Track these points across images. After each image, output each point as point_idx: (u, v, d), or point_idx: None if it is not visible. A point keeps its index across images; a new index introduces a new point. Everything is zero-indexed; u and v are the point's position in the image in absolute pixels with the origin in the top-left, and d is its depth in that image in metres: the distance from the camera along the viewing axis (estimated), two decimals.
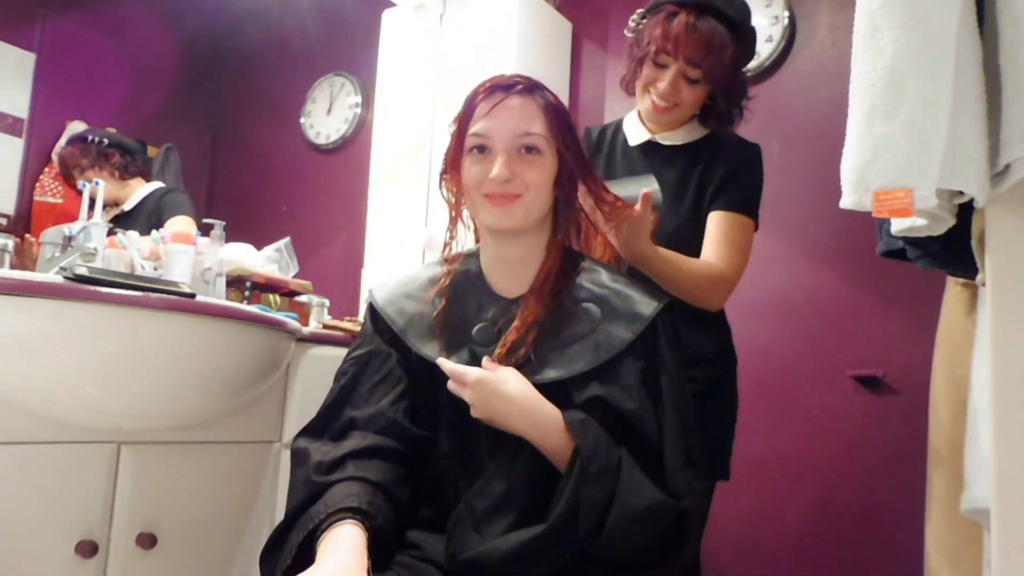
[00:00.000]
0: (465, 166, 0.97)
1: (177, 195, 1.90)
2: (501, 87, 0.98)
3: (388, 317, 1.00)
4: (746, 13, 1.30)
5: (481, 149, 0.96)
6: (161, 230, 1.57)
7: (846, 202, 0.67)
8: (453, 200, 1.04)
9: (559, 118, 0.98)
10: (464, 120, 0.98)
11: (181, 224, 1.76)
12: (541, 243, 1.00)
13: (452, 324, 0.98)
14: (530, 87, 0.98)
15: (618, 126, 1.43)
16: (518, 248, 0.99)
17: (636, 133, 1.38)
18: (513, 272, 1.00)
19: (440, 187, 1.04)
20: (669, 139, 1.35)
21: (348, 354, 1.02)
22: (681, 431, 0.91)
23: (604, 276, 1.00)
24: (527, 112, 0.96)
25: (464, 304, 1.00)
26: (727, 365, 1.37)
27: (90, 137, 1.83)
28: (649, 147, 1.37)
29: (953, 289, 1.18)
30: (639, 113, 1.38)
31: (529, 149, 0.95)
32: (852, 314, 1.82)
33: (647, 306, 0.96)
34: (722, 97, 1.29)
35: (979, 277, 0.73)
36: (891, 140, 0.63)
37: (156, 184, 1.93)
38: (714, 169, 1.30)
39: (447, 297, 1.00)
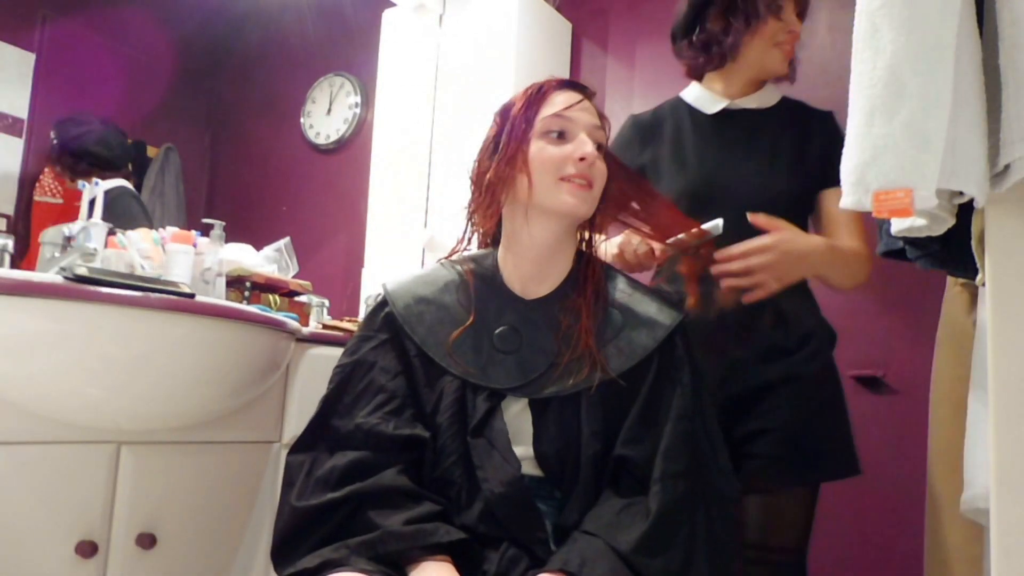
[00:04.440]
0: (535, 150, 0.96)
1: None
2: (572, 84, 1.01)
3: (408, 325, 0.98)
4: None
5: (560, 134, 0.96)
6: (163, 231, 1.57)
7: (846, 202, 0.67)
8: (492, 192, 0.99)
9: (606, 125, 1.02)
10: (534, 105, 0.98)
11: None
12: (571, 241, 1.01)
13: (472, 330, 0.97)
14: (589, 91, 1.02)
15: (674, 105, 1.35)
16: (550, 246, 0.99)
17: (710, 103, 1.30)
18: (535, 272, 0.99)
19: (473, 177, 1.02)
20: (750, 103, 1.28)
21: (343, 354, 1.01)
22: (684, 440, 0.90)
23: (622, 283, 1.01)
24: (593, 111, 1.00)
25: (483, 308, 0.98)
26: (830, 340, 1.29)
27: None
28: (725, 117, 1.29)
29: (953, 289, 1.18)
30: (698, 86, 1.33)
31: (599, 145, 0.98)
32: (852, 314, 1.82)
33: (667, 315, 0.97)
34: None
35: (979, 277, 0.73)
36: (891, 140, 0.63)
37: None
38: (811, 138, 1.24)
39: (468, 303, 0.99)
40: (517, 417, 0.94)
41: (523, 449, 0.93)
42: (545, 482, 0.93)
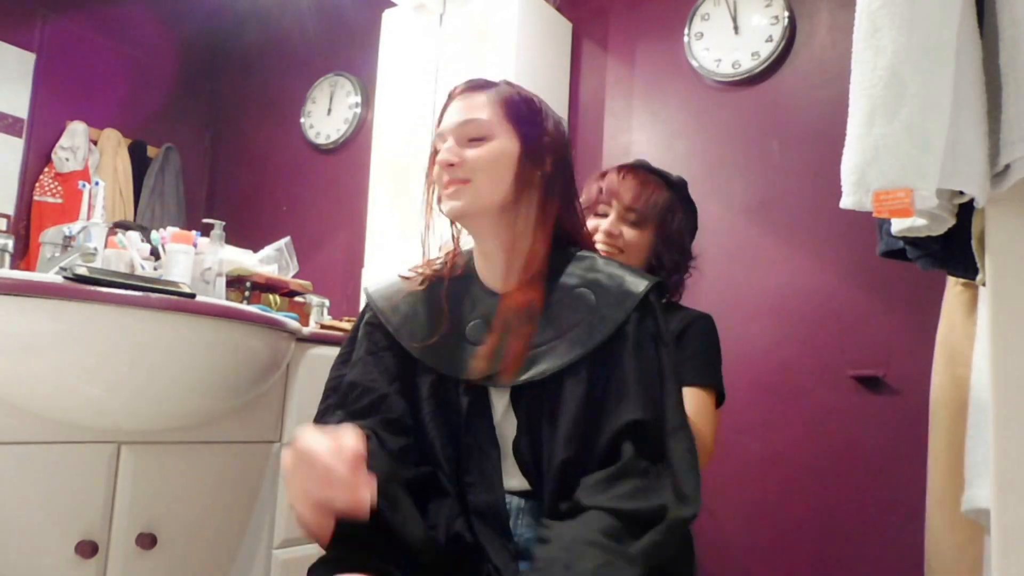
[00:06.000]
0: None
1: None
2: (459, 89, 1.00)
3: (383, 316, 1.00)
4: (680, 180, 1.37)
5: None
6: (163, 231, 1.57)
7: (846, 202, 0.67)
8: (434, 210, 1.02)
9: (512, 106, 0.97)
10: (439, 124, 1.00)
11: None
12: (523, 230, 0.97)
13: (447, 322, 0.97)
14: (484, 84, 0.99)
15: None
16: (492, 236, 0.97)
17: None
18: (499, 264, 0.98)
19: (433, 204, 1.03)
20: None
21: (337, 360, 1.02)
22: (679, 392, 0.91)
23: (598, 262, 0.99)
24: (473, 104, 0.97)
25: (459, 301, 0.99)
26: None
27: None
28: None
29: (953, 289, 1.18)
30: None
31: (474, 138, 0.95)
32: (852, 314, 1.82)
33: (637, 284, 0.94)
34: (663, 247, 1.31)
35: (979, 277, 0.73)
36: (891, 140, 0.63)
37: None
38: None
39: (441, 295, 0.99)
40: (504, 419, 0.94)
41: (511, 454, 0.94)
42: (532, 500, 0.94)
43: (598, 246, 1.29)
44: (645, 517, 0.81)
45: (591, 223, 1.32)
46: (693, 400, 1.19)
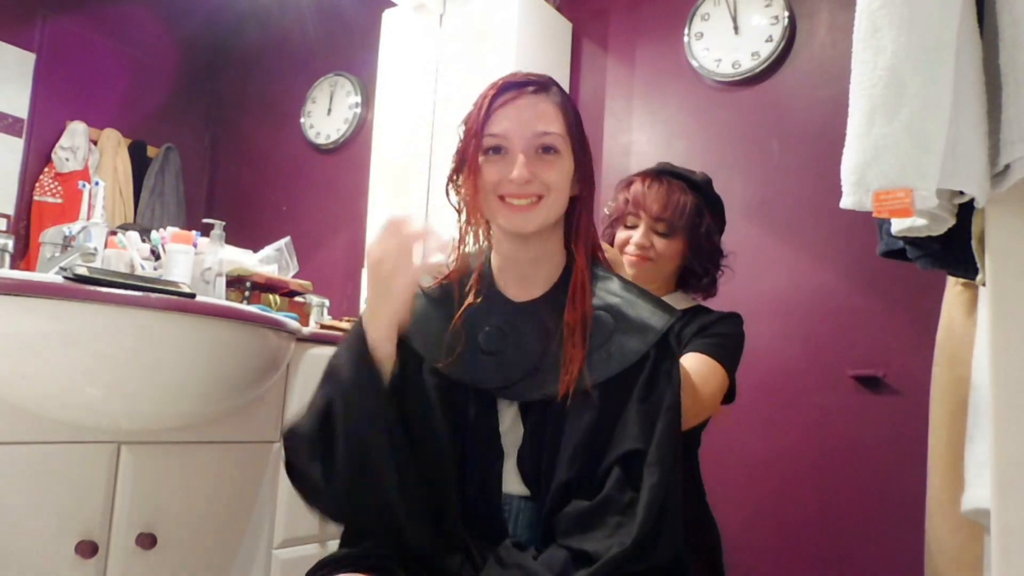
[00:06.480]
0: (481, 167, 0.94)
1: None
2: (514, 85, 0.95)
3: None
4: (705, 178, 1.37)
5: (497, 150, 0.93)
6: (163, 231, 1.57)
7: (846, 202, 0.67)
8: (463, 204, 0.99)
9: (575, 116, 0.97)
10: (477, 120, 0.95)
11: None
12: (554, 245, 0.98)
13: (458, 328, 0.96)
14: (544, 85, 0.96)
15: None
16: (532, 250, 0.97)
17: None
18: (524, 275, 0.98)
19: (447, 192, 1.00)
20: None
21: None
22: (671, 427, 0.90)
23: (616, 285, 0.98)
24: (543, 111, 0.93)
25: (471, 307, 0.97)
26: None
27: None
28: None
29: (953, 289, 1.18)
30: None
31: (547, 149, 0.92)
32: (852, 314, 1.82)
33: (659, 319, 0.94)
34: (694, 255, 1.32)
35: (979, 277, 0.73)
36: (891, 140, 0.63)
37: None
38: (691, 326, 1.30)
39: (458, 301, 0.98)
40: (511, 428, 0.94)
41: (514, 462, 0.94)
42: (531, 502, 0.93)
43: (629, 257, 1.30)
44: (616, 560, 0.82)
45: (621, 235, 1.33)
46: (695, 362, 1.20)
